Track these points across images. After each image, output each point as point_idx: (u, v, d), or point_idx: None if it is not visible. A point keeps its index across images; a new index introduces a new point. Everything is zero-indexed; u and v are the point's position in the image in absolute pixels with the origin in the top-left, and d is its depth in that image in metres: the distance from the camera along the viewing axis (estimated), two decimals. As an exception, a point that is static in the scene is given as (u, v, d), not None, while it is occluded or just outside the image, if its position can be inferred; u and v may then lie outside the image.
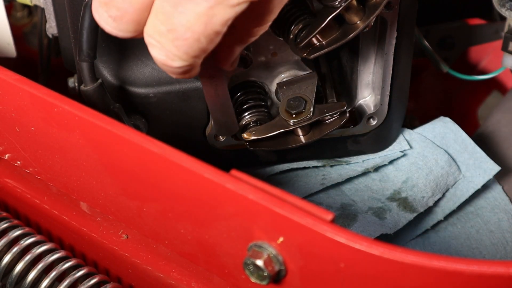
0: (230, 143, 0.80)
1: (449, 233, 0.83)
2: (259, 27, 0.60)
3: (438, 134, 0.86)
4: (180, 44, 0.56)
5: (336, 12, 0.67)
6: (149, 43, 0.57)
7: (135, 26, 0.58)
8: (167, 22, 0.55)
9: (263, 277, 0.57)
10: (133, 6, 0.56)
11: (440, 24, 1.01)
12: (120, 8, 0.56)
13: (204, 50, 0.57)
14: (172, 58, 0.57)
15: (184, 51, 0.56)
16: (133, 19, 0.57)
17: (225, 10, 0.54)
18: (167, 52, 0.57)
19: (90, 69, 0.69)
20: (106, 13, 0.57)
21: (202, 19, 0.54)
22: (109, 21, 0.58)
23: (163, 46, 0.56)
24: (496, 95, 1.26)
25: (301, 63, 0.80)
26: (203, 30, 0.55)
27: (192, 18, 0.54)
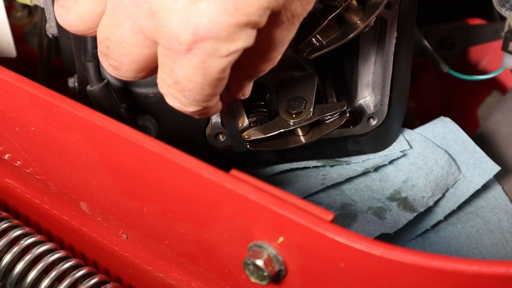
0: (230, 143, 0.80)
1: (449, 233, 0.83)
2: (266, 64, 0.61)
3: (438, 134, 0.86)
4: (187, 95, 0.58)
5: (336, 12, 0.67)
6: (163, 93, 0.60)
7: (134, 74, 0.60)
8: (171, 75, 0.57)
9: (263, 277, 0.57)
10: (129, 59, 0.58)
11: (440, 24, 1.01)
12: (117, 60, 0.59)
13: (212, 95, 0.59)
14: (185, 105, 0.59)
15: (192, 99, 0.58)
16: (131, 69, 0.60)
17: (218, 61, 0.56)
18: (179, 101, 0.59)
19: (95, 69, 0.69)
20: (106, 61, 0.60)
21: (198, 71, 0.56)
22: (110, 68, 0.60)
23: (174, 96, 0.59)
24: (496, 95, 1.26)
25: (301, 63, 0.80)
26: (203, 80, 0.57)
27: (190, 72, 0.56)
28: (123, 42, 0.57)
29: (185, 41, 0.54)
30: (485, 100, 1.27)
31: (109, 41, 0.58)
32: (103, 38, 0.59)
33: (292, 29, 0.59)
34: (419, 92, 1.28)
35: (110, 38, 0.58)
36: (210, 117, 0.78)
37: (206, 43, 0.54)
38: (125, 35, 0.57)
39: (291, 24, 0.58)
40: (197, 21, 0.53)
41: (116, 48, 0.58)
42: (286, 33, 0.58)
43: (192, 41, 0.54)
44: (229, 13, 0.53)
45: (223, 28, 0.54)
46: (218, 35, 0.54)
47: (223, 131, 0.79)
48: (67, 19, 0.60)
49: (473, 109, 1.28)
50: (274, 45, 0.59)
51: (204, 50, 0.55)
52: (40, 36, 1.02)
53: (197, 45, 0.54)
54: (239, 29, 0.54)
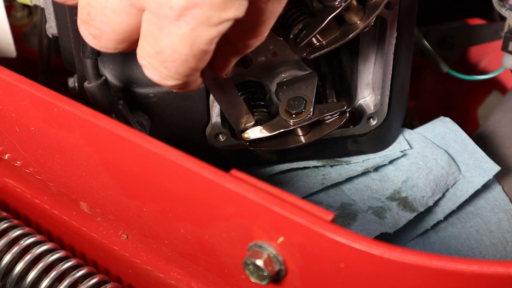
0: (230, 143, 0.80)
1: (449, 233, 0.83)
2: (255, 39, 0.60)
3: (438, 134, 0.86)
4: (169, 66, 0.56)
5: (336, 12, 0.67)
6: (142, 64, 0.58)
7: (115, 44, 0.58)
8: (155, 44, 0.55)
9: (263, 277, 0.57)
10: (110, 27, 0.57)
11: (440, 24, 1.01)
12: (98, 28, 0.57)
13: (194, 68, 0.57)
14: (165, 78, 0.58)
15: (174, 72, 0.57)
16: (112, 38, 0.58)
17: (208, 30, 0.54)
18: (159, 73, 0.57)
19: (94, 66, 0.69)
20: (86, 30, 0.58)
21: (186, 40, 0.54)
22: (89, 38, 0.59)
23: (155, 68, 0.57)
24: (496, 95, 1.26)
25: (301, 63, 0.80)
26: (189, 51, 0.55)
27: (176, 41, 0.55)
28: (105, 8, 0.55)
29: (177, 6, 0.52)
30: (485, 100, 1.27)
31: (90, 7, 0.56)
32: (84, 4, 0.57)
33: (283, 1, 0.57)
34: (419, 92, 1.28)
35: (92, 4, 0.56)
36: (210, 117, 0.78)
37: (199, 10, 0.53)
38: (109, 1, 0.55)
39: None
40: None
41: (98, 15, 0.56)
42: (277, 5, 0.57)
43: (184, 6, 0.52)
44: None
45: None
46: (213, 2, 0.52)
47: (223, 131, 0.79)
48: None
49: (473, 109, 1.28)
50: (264, 18, 0.57)
51: (195, 17, 0.53)
52: (40, 36, 1.02)
53: (189, 11, 0.53)
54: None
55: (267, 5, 0.56)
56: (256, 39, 0.60)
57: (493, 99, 1.26)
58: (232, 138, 0.80)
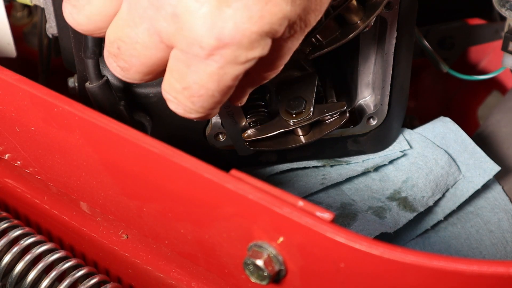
0: (230, 143, 0.80)
1: (449, 233, 0.83)
2: (271, 72, 0.62)
3: (438, 134, 0.86)
4: (195, 101, 0.58)
5: (336, 12, 0.67)
6: (167, 98, 0.60)
7: (141, 76, 0.60)
8: (182, 80, 0.57)
9: (263, 277, 0.57)
10: (140, 61, 0.58)
11: (440, 24, 1.01)
12: (128, 61, 0.59)
13: (219, 102, 0.59)
14: (189, 112, 0.60)
15: (200, 106, 0.59)
16: (140, 71, 0.59)
17: (234, 67, 0.56)
18: (184, 107, 0.59)
19: (95, 66, 0.69)
20: (115, 62, 0.60)
21: (214, 77, 0.56)
22: (117, 69, 0.60)
23: (180, 102, 0.59)
24: (496, 95, 1.26)
25: (301, 63, 0.80)
26: (216, 87, 0.57)
27: (204, 77, 0.56)
28: (136, 43, 0.57)
29: (208, 46, 0.54)
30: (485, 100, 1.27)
31: (121, 42, 0.58)
32: (114, 39, 0.58)
33: (301, 38, 0.59)
34: (419, 92, 1.28)
35: (123, 39, 0.58)
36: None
37: (228, 50, 0.54)
38: (140, 36, 0.57)
39: (301, 34, 0.58)
40: (222, 27, 0.53)
41: (128, 50, 0.58)
42: (296, 42, 0.59)
43: (215, 46, 0.54)
44: (254, 21, 0.54)
45: (246, 35, 0.54)
46: (241, 42, 0.54)
47: (223, 131, 0.79)
48: (78, 19, 0.60)
49: (473, 109, 1.28)
50: (282, 54, 0.59)
51: (224, 56, 0.55)
52: (40, 36, 1.02)
53: (219, 51, 0.54)
54: (261, 37, 0.55)
55: (286, 42, 0.58)
56: (272, 72, 0.62)
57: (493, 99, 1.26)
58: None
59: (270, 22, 0.54)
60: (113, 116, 0.69)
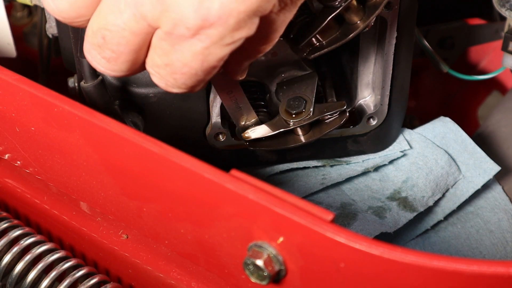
0: (230, 143, 0.80)
1: (449, 233, 0.83)
2: (266, 45, 0.61)
3: (438, 134, 0.86)
4: (178, 77, 0.57)
5: (336, 12, 0.67)
6: (149, 72, 0.59)
7: (130, 66, 0.59)
8: (164, 57, 0.56)
9: (263, 277, 0.57)
10: (128, 48, 0.57)
11: (440, 24, 1.01)
12: (115, 50, 0.57)
13: (202, 81, 0.58)
14: (171, 86, 0.59)
15: (182, 83, 0.58)
16: (128, 59, 0.58)
17: (220, 48, 0.55)
18: (166, 82, 0.58)
19: (90, 66, 0.69)
20: (99, 55, 0.58)
21: (198, 57, 0.56)
22: (102, 62, 0.59)
23: (162, 76, 0.58)
24: (496, 95, 1.26)
25: (301, 63, 0.80)
26: (199, 66, 0.56)
27: (188, 56, 0.56)
28: (124, 30, 0.56)
29: (193, 26, 0.53)
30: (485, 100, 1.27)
31: (106, 31, 0.56)
32: (98, 28, 0.57)
33: (294, 9, 0.58)
34: (419, 92, 1.28)
35: (108, 27, 0.56)
36: (210, 117, 0.78)
37: (214, 30, 0.54)
38: (127, 23, 0.55)
39: (293, 5, 0.57)
40: (208, 7, 0.53)
41: (115, 38, 0.56)
42: (288, 14, 0.58)
43: (200, 26, 0.53)
44: (241, 0, 0.53)
45: (233, 15, 0.53)
46: (227, 22, 0.53)
47: (223, 131, 0.79)
48: (59, 5, 0.57)
49: (473, 109, 1.28)
50: (275, 27, 0.59)
51: (209, 36, 0.54)
52: (40, 36, 1.02)
53: (204, 31, 0.54)
54: (248, 17, 0.54)
55: (278, 15, 0.57)
56: (267, 45, 0.61)
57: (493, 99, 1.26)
58: (232, 138, 0.80)
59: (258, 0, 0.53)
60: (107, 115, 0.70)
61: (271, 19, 0.57)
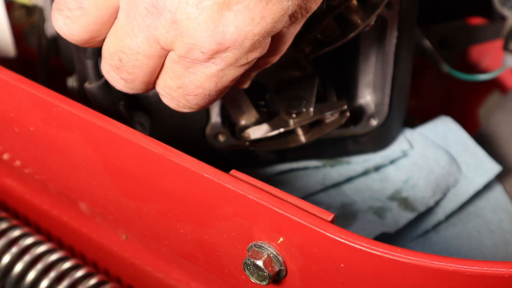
0: (230, 143, 0.80)
1: (450, 233, 0.83)
2: (275, 56, 0.62)
3: (439, 133, 0.86)
4: (190, 99, 0.58)
5: (336, 11, 0.67)
6: (160, 93, 0.59)
7: (146, 86, 0.59)
8: (177, 80, 0.57)
9: (263, 277, 0.57)
10: (143, 71, 0.57)
11: (440, 23, 1.01)
12: (132, 72, 0.58)
13: (214, 100, 0.59)
14: (182, 107, 0.59)
15: (195, 103, 0.59)
16: (144, 81, 0.59)
17: (235, 70, 0.55)
18: (178, 103, 0.59)
19: (94, 66, 0.69)
20: (118, 75, 0.59)
21: (212, 79, 0.56)
22: (121, 82, 0.59)
23: (173, 98, 0.59)
24: (497, 95, 1.25)
25: (302, 62, 0.80)
26: (213, 87, 0.57)
27: (202, 78, 0.56)
28: (138, 54, 0.56)
29: (209, 51, 0.53)
30: (486, 100, 1.27)
31: (122, 54, 0.57)
32: (115, 51, 0.57)
33: (302, 22, 0.58)
34: (419, 92, 1.28)
35: (124, 50, 0.56)
36: (210, 117, 0.78)
37: (229, 53, 0.54)
38: (140, 46, 0.55)
39: (302, 19, 0.58)
40: (223, 31, 0.52)
41: (131, 61, 0.57)
42: (297, 27, 0.58)
43: (215, 50, 0.53)
44: (256, 23, 0.53)
45: (248, 38, 0.53)
46: (243, 45, 0.53)
47: (223, 131, 0.79)
48: (72, 30, 0.58)
49: (474, 109, 1.28)
50: (285, 40, 0.59)
51: (225, 59, 0.54)
52: (39, 36, 1.01)
53: (220, 55, 0.54)
54: (263, 38, 0.54)
55: (288, 29, 0.58)
56: (276, 56, 0.62)
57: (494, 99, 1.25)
58: (232, 138, 0.80)
59: (272, 22, 0.53)
60: (112, 116, 0.69)
61: (281, 34, 0.58)
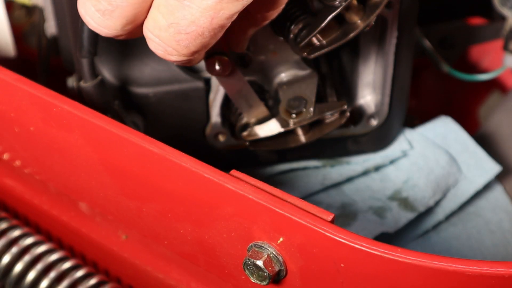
0: (230, 143, 0.80)
1: (450, 233, 0.83)
2: (273, 10, 0.59)
3: (439, 133, 0.86)
4: (181, 38, 0.54)
5: (336, 11, 0.67)
6: (148, 37, 0.56)
7: (124, 23, 0.56)
8: (170, 16, 0.53)
9: (263, 277, 0.57)
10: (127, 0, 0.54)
11: (440, 23, 1.01)
12: (112, 2, 0.54)
13: (205, 45, 0.56)
14: (170, 53, 0.56)
15: (185, 46, 0.55)
16: (123, 15, 0.55)
17: (232, 3, 0.52)
18: (166, 47, 0.55)
19: (90, 66, 0.69)
20: (93, 7, 0.55)
21: (208, 13, 0.53)
22: (95, 15, 0.55)
23: (162, 40, 0.55)
24: (497, 95, 1.25)
25: (301, 62, 0.80)
26: (208, 24, 0.53)
27: (198, 12, 0.53)
28: None
29: None
30: (486, 100, 1.27)
31: None
32: None
33: None
34: (419, 92, 1.28)
35: None
36: (210, 117, 0.78)
37: None
38: None
39: None
40: None
41: None
42: None
43: None
44: None
45: None
46: None
47: (223, 131, 0.79)
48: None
49: (474, 109, 1.28)
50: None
51: None
52: (39, 35, 1.01)
53: None
54: None
55: None
56: (274, 10, 0.59)
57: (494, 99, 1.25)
58: (232, 138, 0.80)
59: None
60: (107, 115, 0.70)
61: None
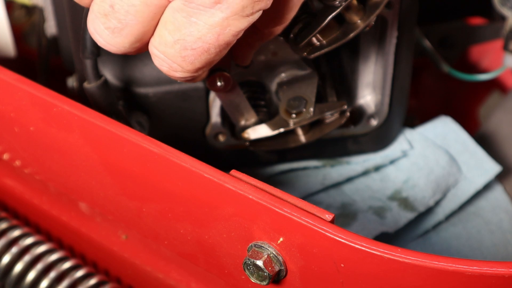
0: (230, 143, 0.80)
1: (450, 233, 0.83)
2: (280, 26, 0.59)
3: (439, 133, 0.86)
4: (187, 54, 0.55)
5: (336, 11, 0.67)
6: (153, 54, 0.56)
7: (133, 41, 0.56)
8: (176, 32, 0.54)
9: (263, 277, 0.57)
10: (137, 20, 0.54)
11: (440, 23, 1.01)
12: (122, 20, 0.54)
13: (210, 61, 0.56)
14: (175, 69, 0.56)
15: (190, 62, 0.55)
16: (133, 33, 0.55)
17: (239, 21, 0.53)
18: (171, 63, 0.56)
19: (93, 66, 0.69)
20: (103, 25, 0.55)
21: (215, 29, 0.53)
22: (105, 33, 0.56)
23: (168, 57, 0.55)
24: (497, 95, 1.25)
25: (301, 62, 0.80)
26: (214, 41, 0.54)
27: (204, 29, 0.53)
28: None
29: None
30: (486, 100, 1.27)
31: None
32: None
33: None
34: (419, 92, 1.28)
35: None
36: (210, 117, 0.78)
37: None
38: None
39: None
40: None
41: (125, 6, 0.53)
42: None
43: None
44: None
45: None
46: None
47: (223, 131, 0.79)
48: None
49: (474, 109, 1.28)
50: (291, 5, 0.57)
51: (231, 5, 0.52)
52: (39, 36, 1.01)
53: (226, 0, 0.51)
54: None
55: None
56: (281, 25, 0.59)
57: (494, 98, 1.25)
58: (232, 138, 0.80)
59: None
60: (111, 116, 0.69)
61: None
